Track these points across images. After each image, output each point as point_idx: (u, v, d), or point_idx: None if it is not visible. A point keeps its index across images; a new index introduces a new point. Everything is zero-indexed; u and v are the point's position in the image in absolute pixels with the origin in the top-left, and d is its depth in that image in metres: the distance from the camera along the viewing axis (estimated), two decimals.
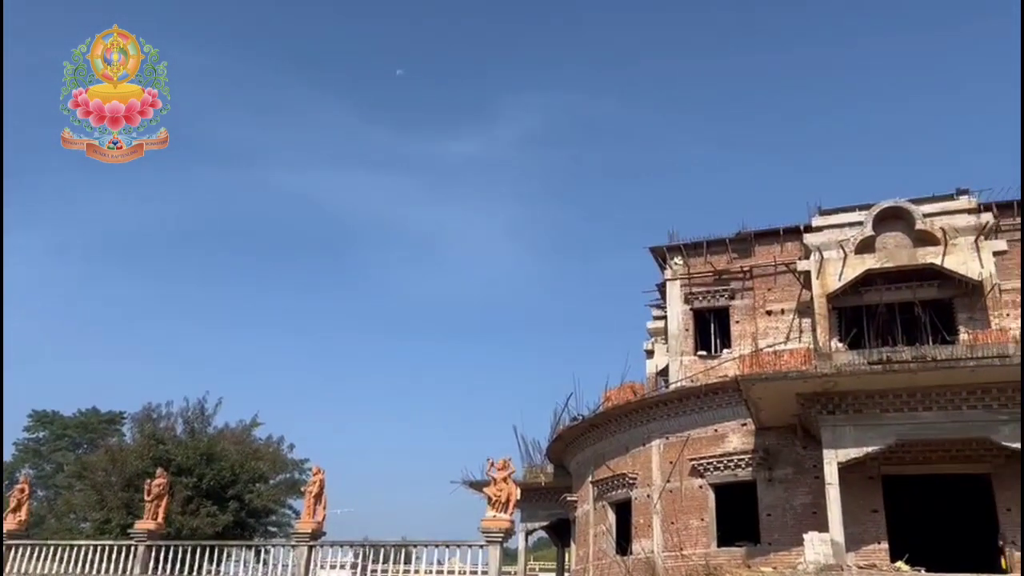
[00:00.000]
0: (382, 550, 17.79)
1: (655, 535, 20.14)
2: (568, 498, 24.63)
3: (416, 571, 16.90)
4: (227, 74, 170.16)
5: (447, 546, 17.15)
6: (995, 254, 20.50)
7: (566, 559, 29.13)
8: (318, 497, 17.05)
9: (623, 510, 21.83)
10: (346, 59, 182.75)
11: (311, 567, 16.42)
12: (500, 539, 15.87)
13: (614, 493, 22.00)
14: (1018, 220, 21.00)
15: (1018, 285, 20.27)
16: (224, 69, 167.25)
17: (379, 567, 17.54)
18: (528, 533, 28.33)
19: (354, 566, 17.93)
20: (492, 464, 16.87)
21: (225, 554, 17.78)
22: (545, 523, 28.01)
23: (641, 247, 25.37)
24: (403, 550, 18.14)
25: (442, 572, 17.05)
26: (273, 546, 20.12)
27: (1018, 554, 16.12)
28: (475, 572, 16.49)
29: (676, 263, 24.41)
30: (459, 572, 16.61)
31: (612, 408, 22.18)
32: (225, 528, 26.88)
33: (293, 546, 16.75)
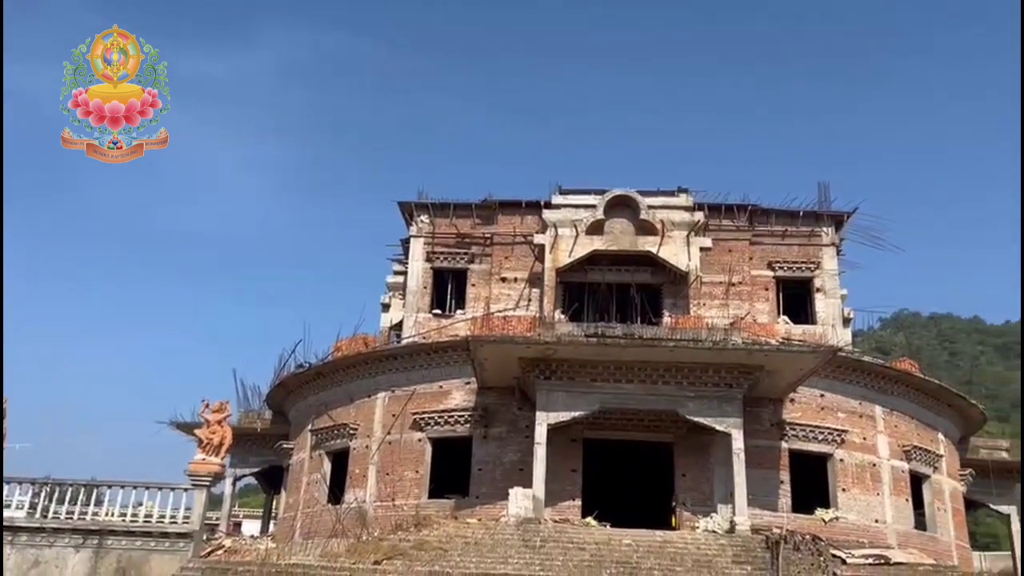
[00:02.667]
0: (69, 490, 16.15)
1: (369, 485, 20.29)
2: (284, 445, 24.04)
3: (108, 514, 15.60)
4: None
5: (146, 488, 16.00)
6: (701, 249, 23.00)
7: (274, 506, 28.48)
8: None
9: (340, 460, 21.73)
10: None
11: None
12: (208, 483, 15.14)
13: (333, 442, 21.82)
14: (723, 221, 23.66)
15: (717, 279, 22.92)
16: None
17: (63, 509, 15.89)
18: (237, 479, 27.29)
19: (32, 507, 16.09)
20: (207, 406, 15.99)
21: None
22: (256, 469, 27.13)
23: (390, 200, 25.23)
24: (93, 490, 16.61)
25: (137, 517, 15.88)
26: None
27: (687, 513, 18.39)
28: (175, 517, 15.58)
29: (422, 221, 24.56)
30: (158, 516, 15.60)
31: (341, 358, 21.91)
32: None
33: None
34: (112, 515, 15.92)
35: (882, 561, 15.22)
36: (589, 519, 17.68)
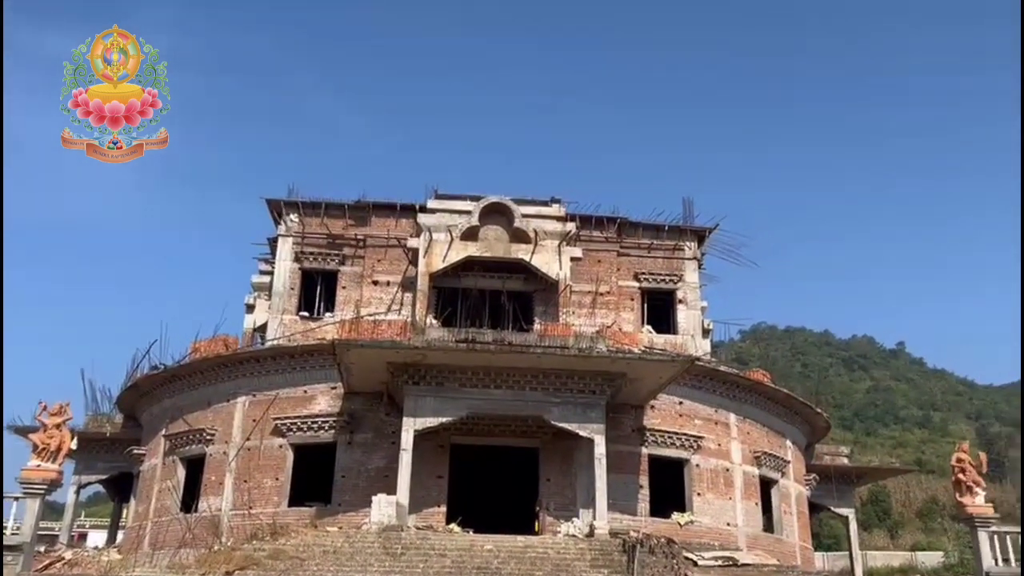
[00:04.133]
0: None
1: (226, 493, 19.45)
2: (135, 451, 22.71)
3: None
4: None
5: None
6: (572, 259, 23.42)
7: (123, 515, 26.85)
8: None
9: (195, 466, 20.74)
10: None
11: None
12: (43, 491, 14.06)
13: (188, 448, 20.81)
14: (594, 233, 24.20)
15: (586, 288, 23.41)
16: None
17: None
18: (82, 487, 25.53)
19: None
20: (44, 408, 14.90)
21: None
22: (104, 476, 25.45)
23: (258, 196, 24.38)
24: None
25: None
26: None
27: (550, 517, 18.62)
28: (4, 528, 14.39)
29: (292, 220, 23.87)
30: None
31: (199, 360, 20.94)
32: None
33: None
34: None
35: (731, 563, 15.91)
36: (453, 525, 17.62)
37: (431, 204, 23.70)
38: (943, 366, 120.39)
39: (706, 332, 24.65)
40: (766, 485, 21.94)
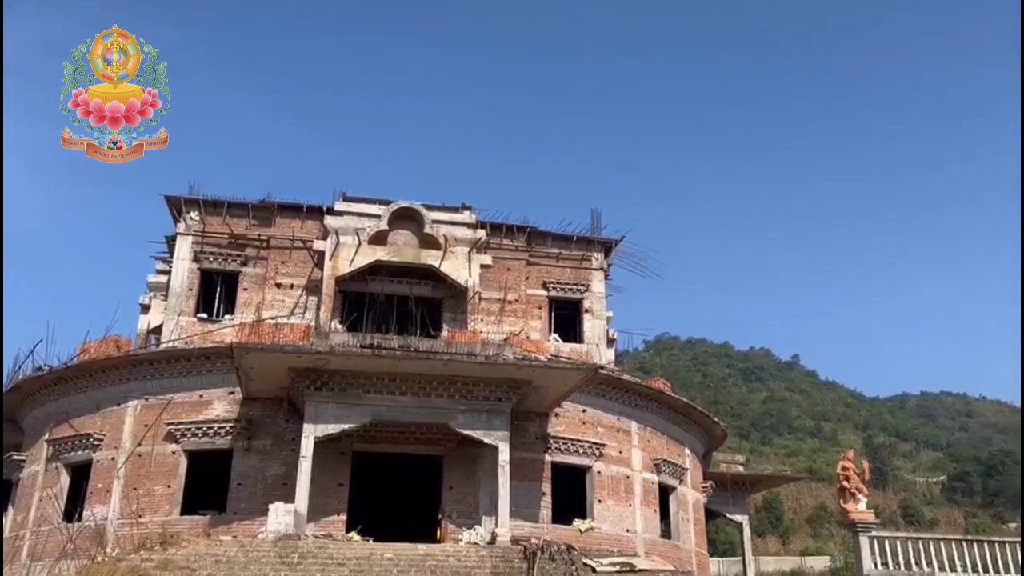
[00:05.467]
0: None
1: (113, 501, 18.55)
2: (14, 457, 21.40)
3: None
4: None
5: None
6: (482, 266, 23.46)
7: (2, 525, 25.26)
8: None
9: (80, 473, 19.70)
10: None
11: None
12: None
13: (73, 454, 19.77)
14: (504, 241, 24.30)
15: (495, 296, 23.45)
16: None
17: None
18: None
19: None
20: None
21: None
22: None
23: (157, 193, 23.46)
24: None
25: None
26: None
27: (452, 525, 18.53)
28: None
29: (192, 218, 23.07)
30: None
31: (88, 362, 19.96)
32: None
33: None
34: None
35: (628, 568, 16.18)
36: (353, 534, 17.33)
37: (339, 206, 23.33)
38: (834, 378, 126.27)
39: (611, 341, 25.08)
40: (665, 492, 22.44)
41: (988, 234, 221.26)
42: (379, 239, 22.86)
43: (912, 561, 16.80)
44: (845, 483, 17.44)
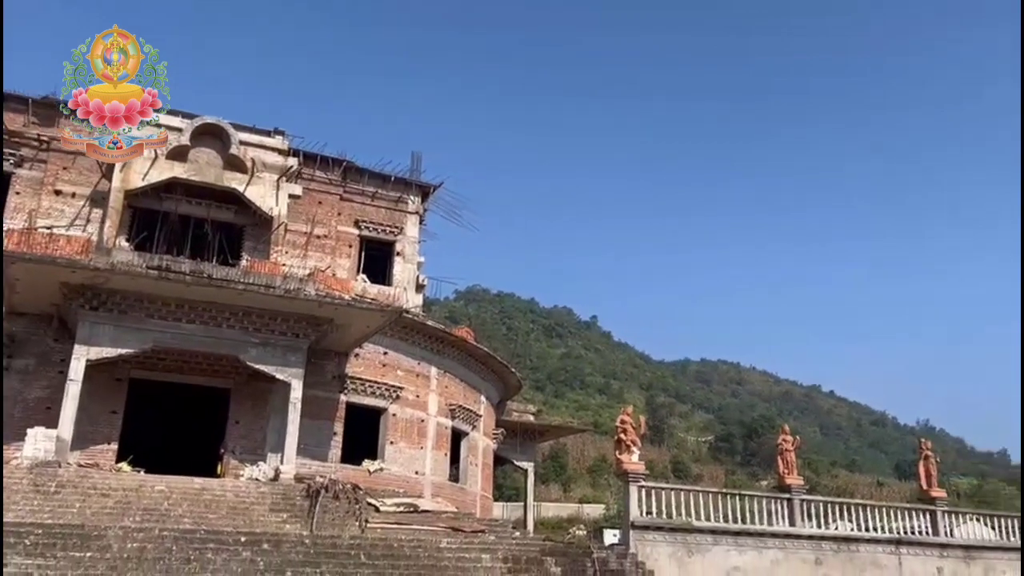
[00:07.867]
0: None
1: None
2: None
3: None
4: None
5: None
6: (291, 196, 22.42)
7: None
8: None
9: None
10: None
11: None
12: None
13: None
14: (317, 172, 23.34)
15: (303, 228, 22.54)
16: None
17: None
18: None
19: None
20: None
21: None
22: None
23: None
24: None
25: None
26: None
27: (235, 461, 17.87)
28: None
29: None
30: None
31: None
32: None
33: None
34: None
35: (412, 509, 16.36)
36: (123, 464, 16.30)
37: None
38: (627, 340, 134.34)
39: (420, 287, 24.97)
40: (457, 437, 22.86)
41: (773, 211, 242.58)
42: (179, 155, 21.18)
43: (675, 510, 18.25)
44: (622, 436, 18.50)
